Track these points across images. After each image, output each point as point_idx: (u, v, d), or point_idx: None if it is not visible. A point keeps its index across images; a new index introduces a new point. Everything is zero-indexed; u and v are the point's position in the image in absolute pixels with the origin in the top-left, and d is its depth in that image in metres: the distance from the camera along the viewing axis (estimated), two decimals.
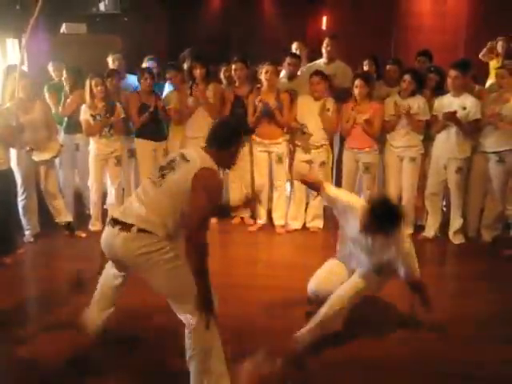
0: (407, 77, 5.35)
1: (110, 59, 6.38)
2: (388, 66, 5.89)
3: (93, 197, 5.78)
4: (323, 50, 6.16)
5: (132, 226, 2.80)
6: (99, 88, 5.47)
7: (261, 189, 5.76)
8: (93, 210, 5.80)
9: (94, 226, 5.78)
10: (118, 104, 5.67)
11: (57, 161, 5.64)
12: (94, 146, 5.65)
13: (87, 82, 5.50)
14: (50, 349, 3.43)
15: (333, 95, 5.84)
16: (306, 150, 5.61)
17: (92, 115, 5.53)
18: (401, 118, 5.37)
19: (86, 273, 4.78)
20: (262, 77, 5.60)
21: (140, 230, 2.78)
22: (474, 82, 5.71)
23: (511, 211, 5.30)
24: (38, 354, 3.40)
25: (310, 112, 5.51)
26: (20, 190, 5.29)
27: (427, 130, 5.45)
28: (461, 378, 3.24)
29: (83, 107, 5.57)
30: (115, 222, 2.90)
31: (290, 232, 5.78)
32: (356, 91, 5.39)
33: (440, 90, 5.46)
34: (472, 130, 5.20)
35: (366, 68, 5.99)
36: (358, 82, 5.38)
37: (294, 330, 3.64)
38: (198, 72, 5.72)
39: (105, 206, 5.96)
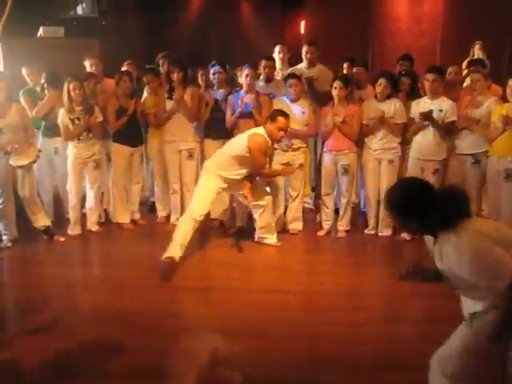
0: (382, 80, 5.41)
1: (87, 63, 6.35)
2: (355, 69, 5.98)
3: (72, 201, 5.72)
4: (303, 57, 6.21)
5: None
6: (77, 91, 5.44)
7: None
8: (72, 214, 5.76)
9: (73, 230, 5.74)
10: (96, 107, 5.64)
11: (35, 164, 5.58)
12: (72, 149, 5.62)
13: (65, 86, 5.46)
14: (29, 354, 3.38)
15: (314, 98, 5.89)
16: (285, 151, 5.63)
17: (70, 119, 5.50)
18: (379, 122, 5.43)
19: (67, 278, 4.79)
20: (243, 80, 5.62)
21: None
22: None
23: (486, 212, 5.39)
24: (16, 359, 3.35)
25: None
26: None
27: (404, 133, 5.52)
28: None
29: (61, 111, 5.53)
30: None
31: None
32: (335, 92, 5.43)
33: (414, 93, 5.54)
34: (448, 131, 5.27)
35: (345, 70, 6.05)
36: (336, 83, 5.43)
37: (275, 331, 3.67)
38: (175, 76, 5.72)
39: (83, 210, 5.93)
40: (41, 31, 7.30)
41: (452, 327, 3.32)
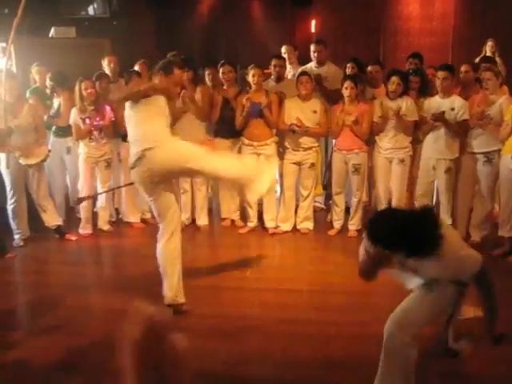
0: (395, 78, 5.38)
1: (104, 61, 6.35)
2: (370, 67, 5.95)
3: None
4: (312, 56, 6.20)
5: None
6: (89, 91, 5.47)
7: None
8: (83, 213, 5.79)
9: (84, 229, 5.77)
10: (107, 107, 5.66)
11: (47, 164, 5.61)
12: (83, 148, 5.65)
13: (77, 85, 5.48)
14: (40, 353, 3.41)
15: (324, 96, 5.88)
16: (296, 150, 5.62)
17: (82, 118, 5.52)
18: (389, 120, 5.41)
19: (78, 276, 4.82)
20: (250, 79, 5.62)
21: None
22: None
23: (499, 211, 5.34)
24: (28, 358, 3.38)
25: (298, 113, 5.53)
26: (9, 193, 5.28)
27: (415, 132, 5.48)
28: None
29: (73, 110, 5.56)
30: None
31: (281, 234, 5.79)
32: (345, 92, 5.41)
33: (424, 90, 5.51)
34: (460, 130, 5.24)
35: (349, 70, 6.03)
36: (347, 83, 5.41)
37: (286, 331, 3.67)
38: (185, 75, 5.72)
39: (95, 209, 5.95)
40: (52, 31, 7.35)
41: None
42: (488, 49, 7.01)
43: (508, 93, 5.24)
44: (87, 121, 5.53)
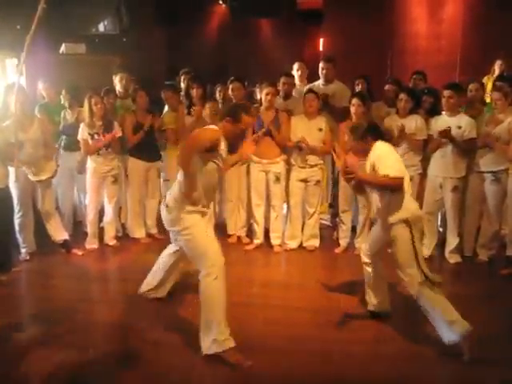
0: (403, 96, 5.39)
1: (116, 78, 6.41)
2: (387, 86, 5.94)
3: (89, 215, 5.79)
4: (320, 73, 6.22)
5: None
6: (99, 106, 5.52)
7: (257, 208, 5.80)
8: (89, 227, 5.81)
9: (90, 243, 5.79)
10: (115, 123, 5.70)
11: (56, 177, 5.63)
12: (91, 164, 5.68)
13: (86, 101, 5.53)
14: (45, 367, 3.40)
15: (331, 115, 5.89)
16: (302, 167, 5.63)
17: (90, 134, 5.56)
18: (403, 139, 5.39)
19: (83, 291, 4.81)
20: (263, 97, 5.63)
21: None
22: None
23: (507, 231, 5.31)
24: (32, 372, 3.38)
25: (303, 131, 5.54)
26: (16, 207, 5.30)
27: (424, 150, 5.48)
28: None
29: (81, 126, 5.60)
30: None
31: (287, 251, 5.78)
32: (353, 110, 5.41)
33: (434, 111, 5.51)
34: (467, 148, 5.23)
35: (358, 87, 6.04)
36: (354, 100, 5.41)
37: (291, 348, 3.65)
38: (194, 92, 5.76)
39: (101, 225, 5.97)
40: (63, 47, 7.43)
41: (471, 346, 3.27)
42: (497, 67, 7.02)
43: None
44: (96, 136, 5.57)
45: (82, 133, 5.60)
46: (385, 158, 3.71)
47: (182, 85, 6.45)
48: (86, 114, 5.57)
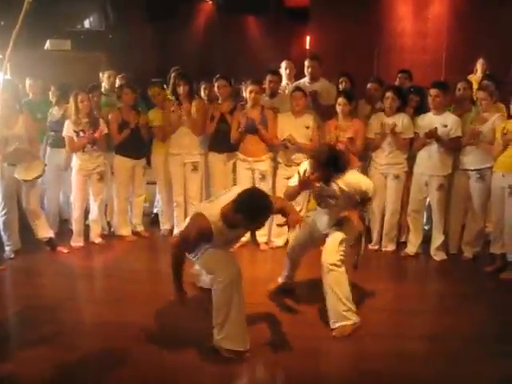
0: (389, 94, 5.42)
1: (104, 75, 6.37)
2: (369, 85, 5.96)
3: (75, 213, 5.75)
4: (305, 71, 6.22)
5: None
6: (85, 103, 5.47)
7: None
8: (75, 225, 5.77)
9: (75, 241, 5.75)
10: (101, 120, 5.67)
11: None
12: (77, 161, 5.64)
13: (72, 98, 5.49)
14: (30, 367, 3.37)
15: (318, 113, 5.89)
16: (288, 166, 5.63)
17: (75, 131, 5.52)
18: (386, 137, 5.43)
19: (69, 289, 4.78)
20: (247, 95, 5.63)
21: None
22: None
23: (491, 228, 5.36)
24: (18, 372, 3.34)
25: (291, 129, 5.54)
26: (0, 205, 5.25)
27: (410, 148, 5.51)
28: None
29: (67, 123, 5.56)
30: None
31: (273, 249, 5.78)
32: (339, 108, 5.43)
33: (421, 109, 5.54)
34: (453, 147, 5.27)
35: (342, 85, 6.05)
36: (340, 99, 5.43)
37: (278, 344, 3.65)
38: (181, 89, 5.74)
39: (87, 222, 5.93)
40: (47, 44, 7.37)
41: (457, 343, 3.30)
42: (479, 66, 7.07)
43: (503, 110, 5.28)
44: (81, 133, 5.53)
45: (67, 130, 5.55)
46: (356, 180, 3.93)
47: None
48: (72, 110, 5.52)
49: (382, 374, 3.37)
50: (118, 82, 6.48)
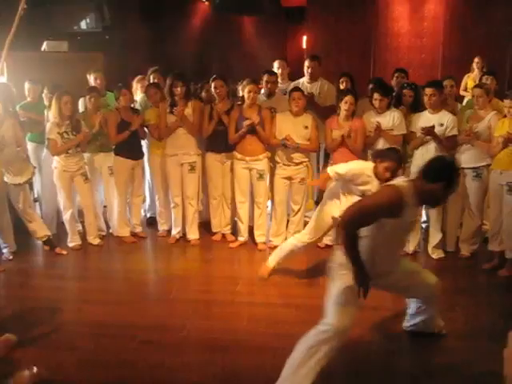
0: (377, 95, 5.41)
1: (91, 76, 6.39)
2: (371, 85, 5.94)
3: (65, 214, 5.71)
4: (305, 71, 6.23)
5: None
6: (68, 105, 5.44)
7: (241, 206, 5.81)
8: (67, 226, 5.74)
9: (71, 242, 5.74)
10: (82, 121, 5.63)
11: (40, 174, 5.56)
12: (59, 162, 5.55)
13: (54, 100, 5.45)
14: (26, 367, 3.37)
15: (316, 113, 5.90)
16: (287, 165, 5.63)
17: (59, 133, 5.47)
18: (379, 135, 5.43)
19: (67, 292, 4.78)
20: (245, 95, 5.63)
21: None
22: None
23: (488, 226, 5.38)
24: (14, 372, 3.33)
25: (289, 129, 5.54)
26: None
27: (405, 146, 5.51)
28: None
29: (48, 125, 5.52)
30: None
31: (272, 248, 5.78)
32: (345, 106, 5.36)
33: (417, 106, 5.55)
34: (449, 145, 5.28)
35: (343, 85, 6.05)
36: (348, 97, 5.37)
37: (276, 345, 3.65)
38: (178, 90, 5.74)
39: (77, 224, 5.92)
40: (44, 45, 7.36)
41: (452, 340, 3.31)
42: (475, 65, 7.10)
43: (501, 107, 5.30)
44: (65, 135, 5.48)
45: (50, 132, 5.47)
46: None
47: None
48: (55, 113, 5.47)
49: (375, 371, 3.39)
50: (150, 77, 6.48)
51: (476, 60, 7.07)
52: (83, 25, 9.50)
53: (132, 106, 6.03)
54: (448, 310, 4.21)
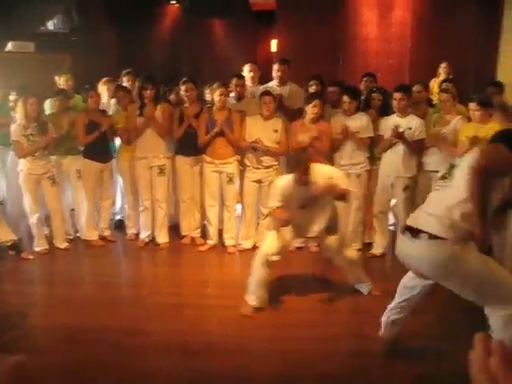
0: (346, 98, 5.48)
1: (61, 78, 6.30)
2: (330, 88, 6.02)
3: (31, 218, 5.60)
4: (274, 75, 6.25)
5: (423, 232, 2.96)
6: (34, 107, 5.36)
7: (211, 209, 5.79)
8: (34, 230, 5.63)
9: (37, 246, 5.64)
10: (49, 123, 5.56)
11: (5, 177, 5.45)
12: (25, 164, 5.46)
13: (20, 102, 5.37)
14: None
15: (285, 116, 5.92)
16: (256, 168, 5.64)
17: (25, 135, 5.38)
18: (346, 137, 5.48)
19: (34, 297, 4.70)
20: (216, 98, 5.62)
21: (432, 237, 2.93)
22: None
23: None
24: None
25: (259, 132, 5.55)
26: None
27: (372, 149, 5.58)
28: None
29: (14, 127, 5.43)
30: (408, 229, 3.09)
31: (241, 252, 5.79)
32: (313, 110, 5.39)
33: (385, 110, 5.62)
34: (418, 149, 5.36)
35: (313, 88, 6.09)
36: (316, 102, 5.41)
37: (246, 348, 3.66)
38: (148, 93, 5.70)
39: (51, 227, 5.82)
40: (9, 45, 7.23)
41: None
42: (442, 70, 7.23)
43: (465, 112, 5.40)
44: (31, 137, 5.40)
45: (16, 134, 5.38)
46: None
47: (126, 84, 6.42)
48: (21, 114, 5.38)
49: (345, 373, 3.41)
50: (123, 80, 6.46)
51: (443, 65, 7.20)
52: (50, 25, 9.37)
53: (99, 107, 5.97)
54: (416, 311, 4.27)
